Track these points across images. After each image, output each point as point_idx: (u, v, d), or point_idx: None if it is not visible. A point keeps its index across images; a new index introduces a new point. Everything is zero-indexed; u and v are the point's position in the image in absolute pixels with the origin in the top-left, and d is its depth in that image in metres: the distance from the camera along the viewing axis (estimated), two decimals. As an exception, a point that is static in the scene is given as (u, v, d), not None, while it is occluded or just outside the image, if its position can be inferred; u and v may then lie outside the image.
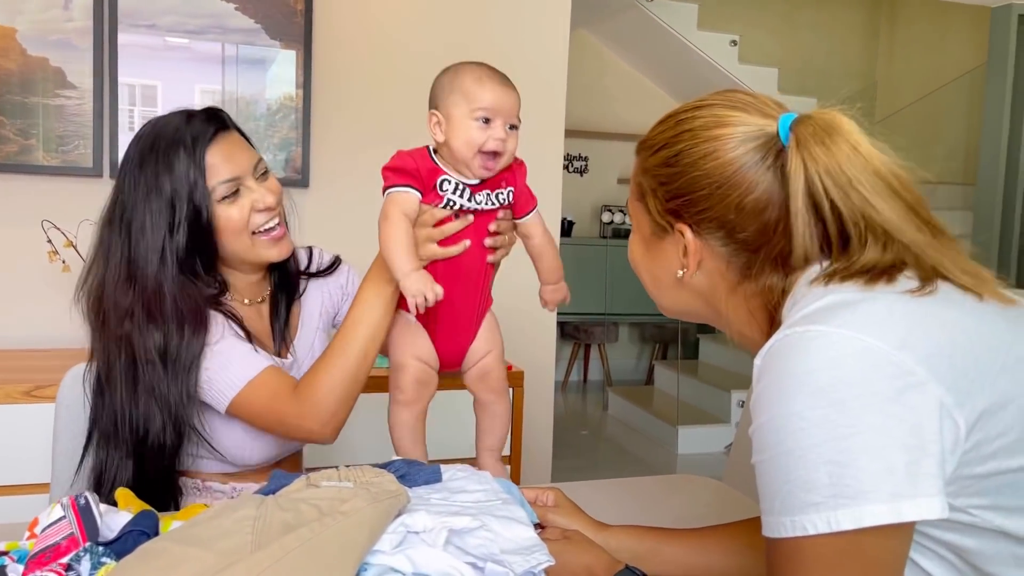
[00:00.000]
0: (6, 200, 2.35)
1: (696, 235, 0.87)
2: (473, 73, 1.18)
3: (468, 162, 1.16)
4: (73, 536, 0.82)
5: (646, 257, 0.96)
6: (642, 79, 6.26)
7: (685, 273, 0.90)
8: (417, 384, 1.23)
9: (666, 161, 0.88)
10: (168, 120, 1.28)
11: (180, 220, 1.24)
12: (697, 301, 0.93)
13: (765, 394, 0.73)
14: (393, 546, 0.76)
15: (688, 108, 0.89)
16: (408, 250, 1.14)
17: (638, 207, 0.94)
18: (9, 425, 1.91)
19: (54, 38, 2.32)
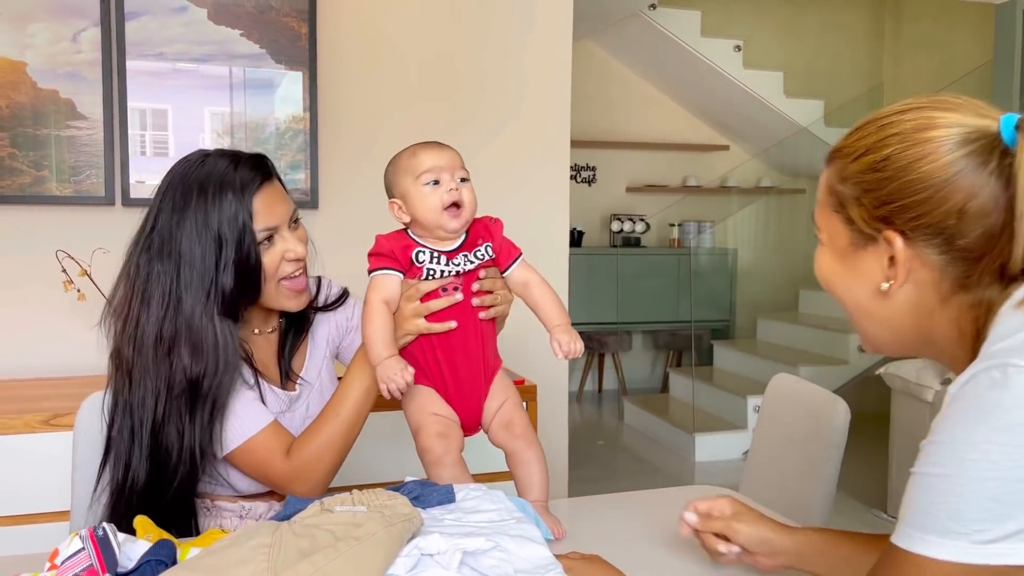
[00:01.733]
0: (21, 231, 2.38)
1: (907, 243, 0.81)
2: (407, 151, 1.28)
3: (439, 224, 1.22)
4: (92, 568, 0.83)
5: (840, 272, 0.89)
6: (647, 87, 6.28)
7: (892, 285, 0.83)
8: (439, 438, 1.25)
9: (872, 166, 0.83)
10: (216, 162, 1.29)
11: (228, 261, 1.26)
12: (901, 318, 0.86)
13: (952, 414, 0.72)
14: (407, 569, 0.77)
15: (891, 112, 0.84)
16: (383, 338, 1.21)
17: (834, 218, 0.88)
18: (28, 454, 1.93)
19: (64, 71, 2.35)
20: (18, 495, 1.93)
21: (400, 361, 1.20)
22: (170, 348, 1.26)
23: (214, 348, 1.26)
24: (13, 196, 2.33)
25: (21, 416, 1.94)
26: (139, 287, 1.28)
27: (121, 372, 1.30)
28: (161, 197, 1.30)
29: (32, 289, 2.37)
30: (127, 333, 1.29)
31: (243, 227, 1.26)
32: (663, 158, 6.37)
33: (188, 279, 1.26)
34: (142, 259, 1.29)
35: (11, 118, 2.32)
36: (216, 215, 1.25)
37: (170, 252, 1.27)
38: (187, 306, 1.26)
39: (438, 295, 1.24)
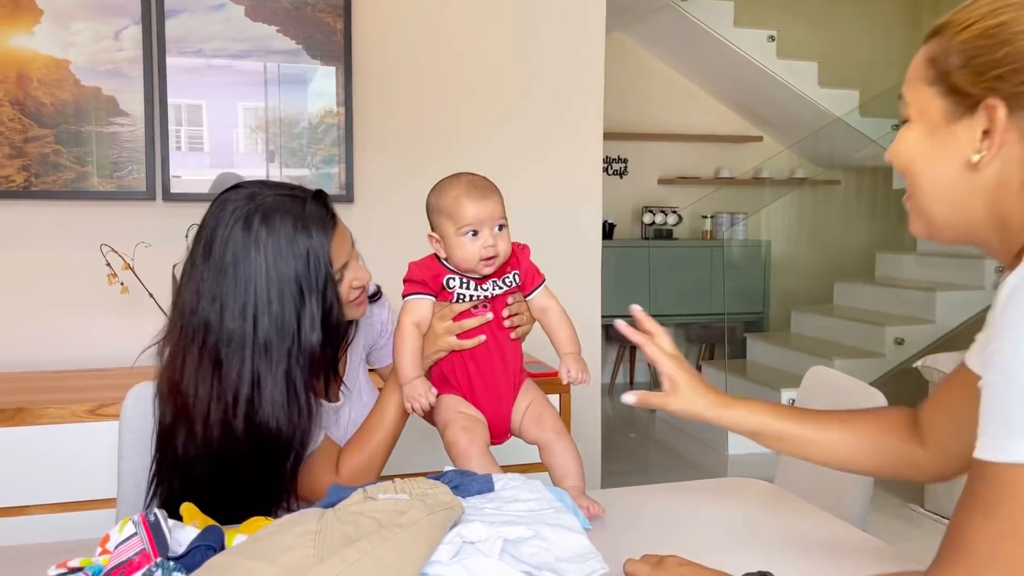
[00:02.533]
0: (66, 226, 2.44)
1: (1009, 113, 0.81)
2: (451, 193, 1.29)
3: (473, 270, 1.30)
4: (145, 552, 0.86)
5: (928, 146, 0.88)
6: (680, 79, 6.24)
7: (983, 157, 0.83)
8: (464, 431, 1.30)
9: (985, 32, 0.83)
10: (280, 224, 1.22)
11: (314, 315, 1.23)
12: (978, 198, 0.85)
13: (1015, 317, 0.72)
14: (450, 556, 0.79)
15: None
16: (411, 359, 1.30)
17: (927, 92, 0.88)
18: (75, 443, 1.98)
19: (105, 68, 2.40)
20: (65, 483, 1.98)
21: (426, 383, 1.29)
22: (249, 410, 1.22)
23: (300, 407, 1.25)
24: (58, 192, 2.39)
25: (68, 406, 1.99)
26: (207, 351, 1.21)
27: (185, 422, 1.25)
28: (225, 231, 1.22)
29: (77, 283, 2.43)
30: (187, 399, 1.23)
31: (326, 278, 1.24)
32: (695, 150, 6.33)
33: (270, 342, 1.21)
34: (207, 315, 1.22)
35: (55, 115, 2.37)
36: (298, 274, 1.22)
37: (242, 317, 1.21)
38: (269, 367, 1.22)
39: (470, 314, 1.31)
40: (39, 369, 2.41)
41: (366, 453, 1.37)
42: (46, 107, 2.36)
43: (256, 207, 1.22)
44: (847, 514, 1.50)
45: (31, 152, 2.36)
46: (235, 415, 1.21)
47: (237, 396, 1.21)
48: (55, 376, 2.33)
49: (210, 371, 1.21)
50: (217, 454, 1.23)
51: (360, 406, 1.47)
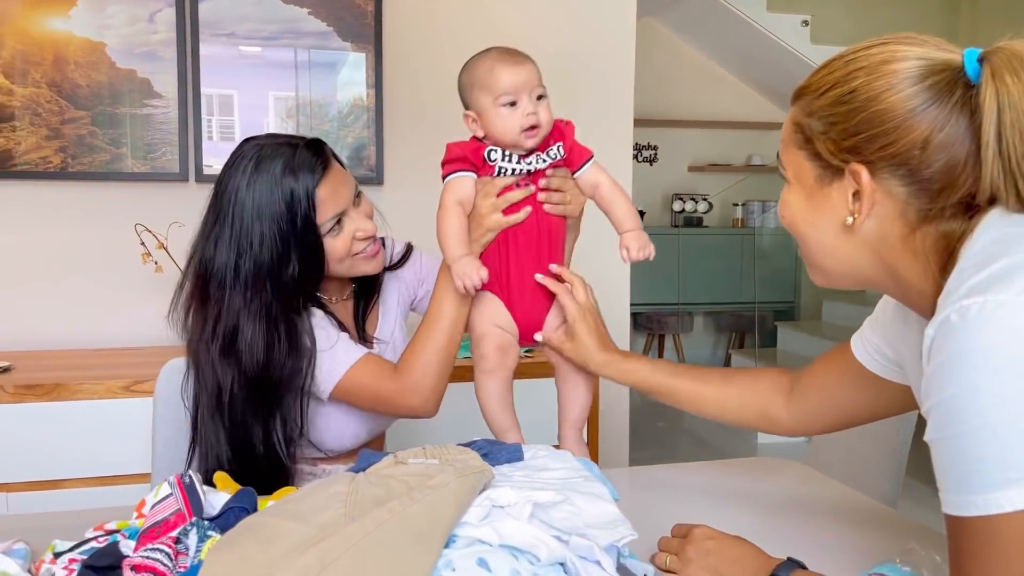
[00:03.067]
0: (101, 206, 2.47)
1: (872, 176, 0.82)
2: (485, 63, 1.23)
3: (515, 144, 1.22)
4: (180, 512, 0.87)
5: (806, 208, 0.90)
6: (711, 65, 6.18)
7: (856, 219, 0.84)
8: (498, 350, 1.28)
9: (839, 100, 0.83)
10: (270, 167, 1.29)
11: (291, 255, 1.29)
12: (863, 255, 0.87)
13: (943, 370, 0.71)
14: (479, 519, 0.79)
15: (858, 48, 0.85)
16: (458, 238, 1.22)
17: (798, 155, 0.89)
18: (110, 419, 2.02)
19: (140, 51, 2.43)
20: (100, 458, 2.02)
21: (474, 260, 1.22)
22: (233, 345, 1.29)
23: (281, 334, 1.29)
24: (94, 173, 2.43)
25: (104, 382, 2.02)
26: (201, 285, 1.32)
27: (195, 364, 1.34)
28: (225, 184, 1.31)
29: (112, 262, 2.47)
30: (193, 331, 1.33)
31: (306, 220, 1.28)
32: (726, 136, 6.28)
33: (248, 277, 1.28)
34: (206, 254, 1.31)
35: (91, 97, 2.40)
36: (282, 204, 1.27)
37: (233, 262, 1.29)
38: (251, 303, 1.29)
39: (512, 189, 1.24)
40: (75, 347, 2.45)
41: (427, 349, 1.32)
42: (82, 89, 2.40)
43: (255, 154, 1.30)
44: (881, 498, 1.48)
45: (68, 134, 2.40)
46: (221, 349, 1.28)
47: (219, 329, 1.28)
48: (91, 354, 2.37)
49: (202, 308, 1.31)
50: (222, 393, 1.30)
51: (395, 357, 1.48)
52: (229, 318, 1.28)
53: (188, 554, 0.81)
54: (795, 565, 0.93)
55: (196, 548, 0.81)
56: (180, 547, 0.81)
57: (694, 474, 1.48)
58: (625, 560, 0.88)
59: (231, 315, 1.28)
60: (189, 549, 0.81)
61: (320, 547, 0.73)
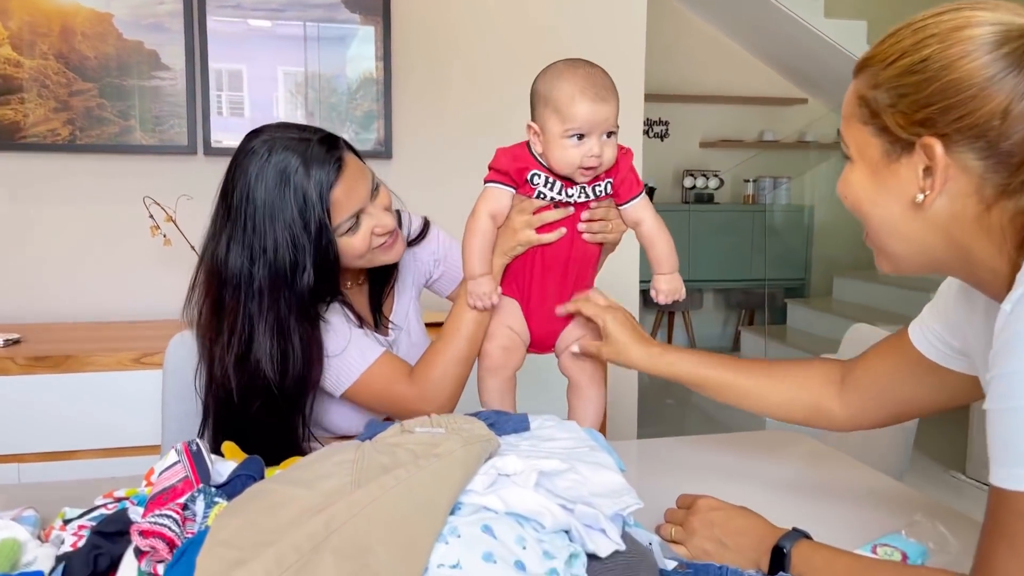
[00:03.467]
0: (110, 179, 2.48)
1: (946, 149, 0.78)
2: (566, 88, 1.16)
3: (569, 175, 1.19)
4: (188, 479, 0.87)
5: (872, 187, 0.85)
6: (723, 39, 6.11)
7: (927, 196, 0.80)
8: (502, 351, 1.27)
9: (910, 69, 0.79)
10: (285, 163, 1.24)
11: (306, 262, 1.24)
12: (934, 235, 0.83)
13: (1012, 343, 0.70)
14: (485, 486, 0.79)
15: (927, 15, 0.80)
16: (481, 254, 1.22)
17: (864, 131, 0.85)
18: (120, 390, 2.03)
19: (147, 22, 2.42)
20: (111, 429, 2.04)
21: (491, 282, 1.22)
22: (247, 355, 1.25)
23: (295, 341, 1.26)
24: (103, 145, 2.43)
25: (114, 354, 2.03)
26: (215, 286, 1.27)
27: (207, 362, 1.31)
28: (236, 175, 1.25)
29: (121, 235, 2.48)
30: (206, 331, 1.29)
31: (320, 225, 1.23)
32: (738, 112, 6.22)
33: (264, 285, 1.24)
34: (218, 254, 1.26)
35: (99, 68, 2.40)
36: (292, 219, 1.23)
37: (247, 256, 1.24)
38: (267, 314, 1.24)
39: (550, 208, 1.21)
40: (85, 320, 2.47)
41: (446, 357, 1.29)
42: (90, 60, 2.39)
43: (267, 148, 1.24)
44: (890, 470, 1.48)
45: (76, 106, 2.39)
46: (236, 359, 1.24)
47: (236, 340, 1.24)
48: (100, 326, 2.39)
49: (213, 312, 1.27)
50: (235, 395, 1.27)
51: (409, 344, 1.48)
52: (244, 328, 1.24)
53: (195, 520, 0.81)
54: (800, 535, 0.92)
55: (203, 514, 0.81)
56: (187, 513, 0.82)
57: (701, 447, 1.48)
58: (630, 529, 0.88)
59: (246, 325, 1.24)
60: (196, 515, 0.81)
61: (326, 513, 0.73)
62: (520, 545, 0.74)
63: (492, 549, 0.72)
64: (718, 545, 0.97)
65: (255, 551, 0.71)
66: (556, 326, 1.29)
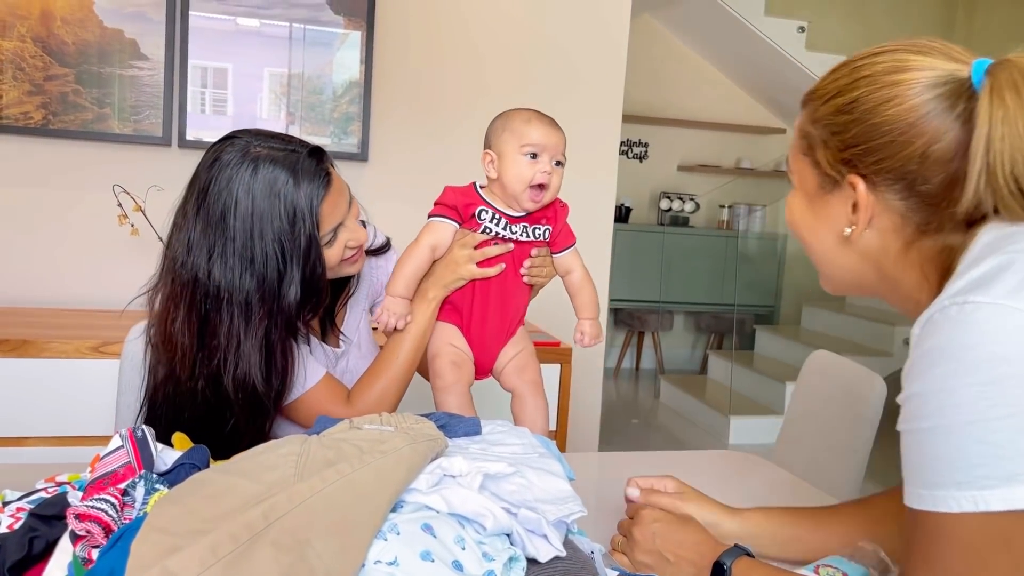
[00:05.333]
0: (81, 166, 2.45)
1: (870, 188, 0.81)
2: (523, 115, 1.28)
3: (518, 195, 1.26)
4: (130, 464, 0.86)
5: (809, 215, 0.89)
6: (706, 66, 6.18)
7: (854, 231, 0.83)
8: (453, 366, 1.31)
9: (841, 108, 0.82)
10: (271, 176, 1.20)
11: (294, 274, 1.21)
12: (863, 264, 0.86)
13: (920, 364, 0.71)
14: (429, 486, 0.79)
15: (866, 55, 0.83)
16: (407, 279, 1.29)
17: (804, 161, 0.88)
18: (77, 379, 2.00)
19: (129, 11, 2.41)
20: (65, 417, 2.00)
21: (407, 306, 1.30)
22: (222, 370, 1.20)
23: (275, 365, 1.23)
24: (76, 132, 2.40)
25: (72, 342, 2.00)
26: (196, 306, 1.21)
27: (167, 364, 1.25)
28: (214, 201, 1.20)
29: (88, 222, 2.45)
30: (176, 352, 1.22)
31: (308, 243, 1.21)
32: (717, 138, 6.28)
33: (252, 298, 1.20)
34: (196, 263, 1.21)
35: (77, 55, 2.38)
36: (282, 231, 1.20)
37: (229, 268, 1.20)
38: (255, 330, 1.21)
39: (490, 243, 1.29)
40: (46, 306, 2.43)
41: (383, 381, 1.32)
42: (68, 46, 2.37)
43: (250, 160, 1.20)
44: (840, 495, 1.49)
45: (51, 90, 2.37)
46: (217, 371, 1.21)
47: (218, 353, 1.20)
48: (62, 313, 2.35)
49: (196, 326, 1.21)
50: (203, 405, 1.24)
51: (359, 356, 1.47)
52: (232, 343, 1.20)
53: (134, 506, 0.80)
54: (741, 552, 0.93)
55: (143, 500, 0.80)
56: (127, 499, 0.81)
57: (663, 462, 1.49)
58: (574, 536, 0.88)
59: (233, 340, 1.20)
60: (136, 501, 0.80)
61: (266, 504, 0.73)
62: (459, 545, 0.74)
63: (431, 548, 0.72)
64: (659, 558, 0.97)
65: (191, 539, 0.71)
66: (494, 349, 1.35)
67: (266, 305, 1.21)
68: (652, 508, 1.03)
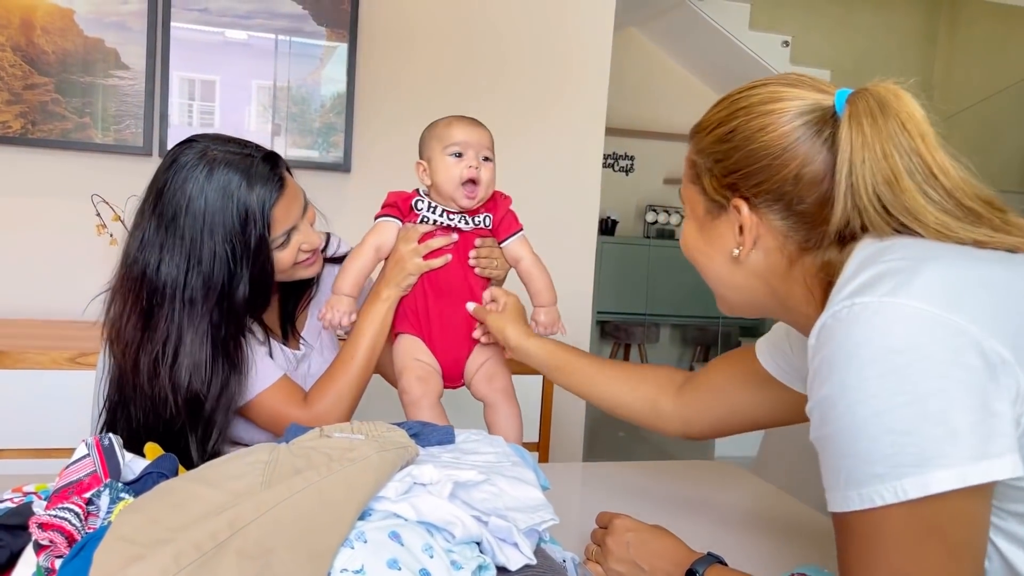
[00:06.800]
0: (59, 175, 2.43)
1: (752, 210, 0.87)
2: (444, 121, 1.34)
3: (453, 194, 1.30)
4: (96, 474, 0.85)
5: (701, 240, 0.95)
6: (691, 79, 6.21)
7: (741, 251, 0.89)
8: (419, 381, 1.31)
9: (721, 138, 0.89)
10: (225, 179, 1.23)
11: (243, 273, 1.24)
12: (754, 283, 0.92)
13: (820, 371, 0.74)
14: (399, 494, 0.78)
15: (743, 89, 0.90)
16: (354, 277, 1.32)
17: (692, 189, 0.95)
18: (53, 390, 1.98)
19: (110, 20, 2.40)
20: (40, 429, 1.98)
21: (352, 304, 1.31)
22: (173, 365, 1.22)
23: (222, 351, 1.25)
24: (55, 141, 2.38)
25: (48, 353, 1.98)
26: (141, 300, 1.24)
27: (118, 367, 1.28)
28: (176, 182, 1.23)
29: (66, 232, 2.43)
30: (126, 338, 1.25)
31: (259, 241, 1.24)
32: (703, 151, 6.31)
33: (197, 294, 1.23)
34: (148, 261, 1.24)
35: (57, 64, 2.36)
36: (232, 232, 1.23)
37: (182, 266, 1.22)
38: (198, 324, 1.23)
39: (434, 235, 1.31)
40: (23, 316, 2.41)
41: (340, 383, 1.33)
42: (48, 55, 2.36)
43: (206, 162, 1.24)
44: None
45: (30, 99, 2.35)
46: (157, 367, 1.22)
47: (160, 349, 1.22)
48: (38, 324, 2.33)
49: (141, 322, 1.24)
50: (149, 403, 1.25)
51: (320, 361, 1.48)
52: (173, 337, 1.22)
53: (99, 515, 0.79)
54: (714, 560, 0.93)
55: (107, 509, 0.79)
56: (91, 508, 0.79)
57: (644, 473, 1.49)
58: (546, 545, 0.87)
59: (175, 334, 1.22)
60: (100, 511, 0.79)
61: (231, 512, 0.72)
62: (427, 553, 0.73)
63: (398, 556, 0.71)
64: (633, 567, 0.97)
65: (154, 548, 0.70)
66: (461, 355, 1.35)
67: (210, 302, 1.23)
68: (625, 518, 1.03)
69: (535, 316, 1.37)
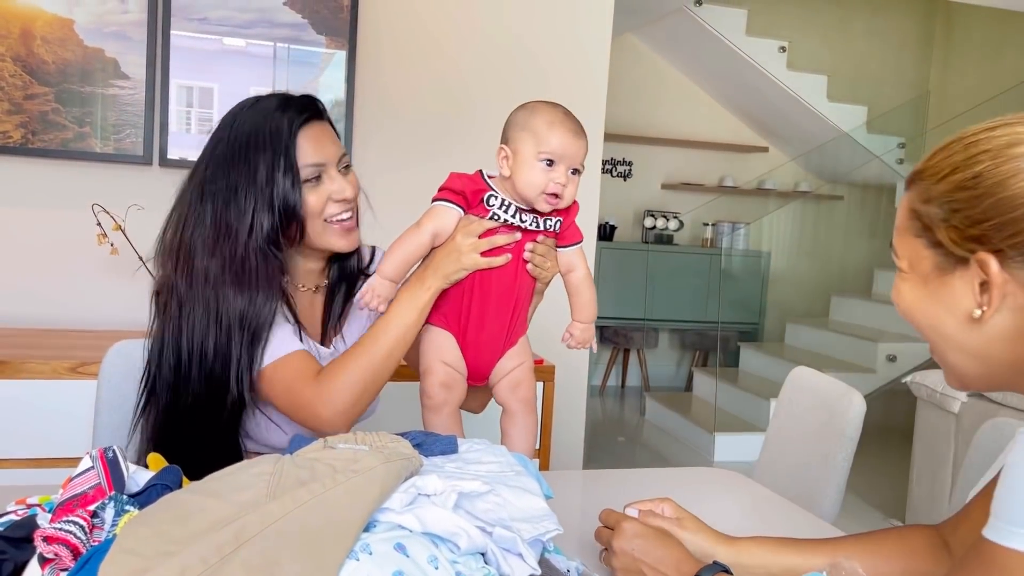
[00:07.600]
0: (60, 185, 2.43)
1: (1003, 265, 0.77)
2: (547, 116, 1.21)
3: (531, 201, 1.21)
4: (100, 486, 0.85)
5: (925, 301, 0.84)
6: (689, 84, 6.23)
7: (985, 312, 0.78)
8: (442, 388, 1.26)
9: (962, 185, 0.79)
10: (266, 103, 1.31)
11: (270, 200, 1.26)
12: (998, 348, 0.80)
13: None
14: (403, 505, 0.78)
15: (978, 130, 0.81)
16: (402, 263, 1.23)
17: (916, 243, 0.84)
18: (53, 400, 1.98)
19: (110, 30, 2.40)
20: (42, 439, 1.98)
21: (394, 290, 1.24)
22: (216, 281, 1.26)
23: (256, 281, 1.26)
24: (55, 151, 2.39)
25: (49, 363, 1.99)
26: (190, 223, 1.29)
27: (169, 307, 1.29)
28: (216, 135, 1.32)
29: (67, 242, 2.43)
30: (178, 266, 1.29)
31: (286, 166, 1.26)
32: (700, 156, 6.33)
33: (232, 215, 1.26)
34: (193, 197, 1.30)
35: (57, 74, 2.37)
36: (261, 153, 1.26)
37: (218, 190, 1.27)
38: (232, 240, 1.26)
39: (498, 231, 1.23)
40: (24, 325, 2.41)
41: (355, 365, 1.24)
42: (48, 65, 2.36)
43: (254, 99, 1.34)
44: (819, 511, 1.49)
45: (30, 109, 2.36)
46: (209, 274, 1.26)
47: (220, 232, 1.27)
48: (39, 333, 2.33)
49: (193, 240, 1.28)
50: (173, 391, 1.27)
51: None
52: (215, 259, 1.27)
53: (104, 528, 0.79)
54: (719, 568, 0.93)
55: (112, 522, 0.79)
56: (96, 521, 0.79)
57: (646, 479, 1.49)
58: (550, 555, 0.87)
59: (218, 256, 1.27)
60: (105, 523, 0.79)
61: (236, 524, 0.72)
62: (432, 564, 0.73)
63: (403, 567, 0.71)
64: (638, 574, 0.97)
65: (160, 560, 0.70)
66: (492, 357, 1.29)
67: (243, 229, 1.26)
68: (633, 521, 1.03)
69: (570, 329, 1.30)
